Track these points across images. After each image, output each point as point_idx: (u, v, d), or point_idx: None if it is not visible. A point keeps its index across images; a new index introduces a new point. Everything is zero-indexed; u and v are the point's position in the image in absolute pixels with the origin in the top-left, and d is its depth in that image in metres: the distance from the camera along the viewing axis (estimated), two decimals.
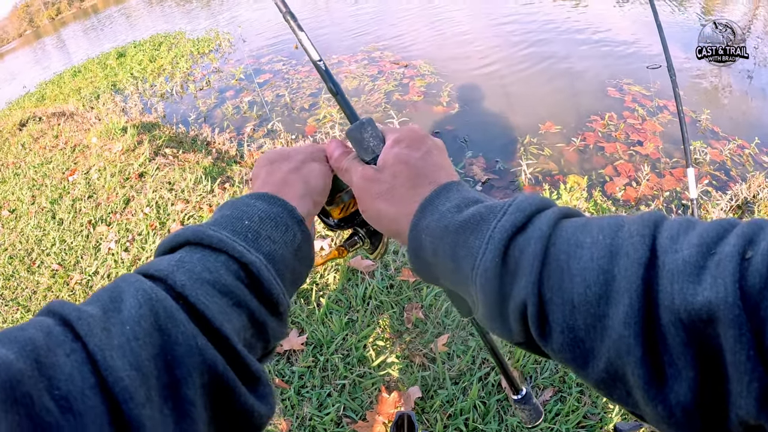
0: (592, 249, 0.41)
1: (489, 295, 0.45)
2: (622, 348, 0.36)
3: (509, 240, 0.45)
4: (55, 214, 4.70)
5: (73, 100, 9.73)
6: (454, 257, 0.49)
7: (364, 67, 8.52)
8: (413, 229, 0.53)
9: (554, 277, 0.41)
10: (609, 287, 0.38)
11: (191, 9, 22.51)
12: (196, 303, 0.43)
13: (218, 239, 0.48)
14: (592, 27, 9.53)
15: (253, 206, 0.55)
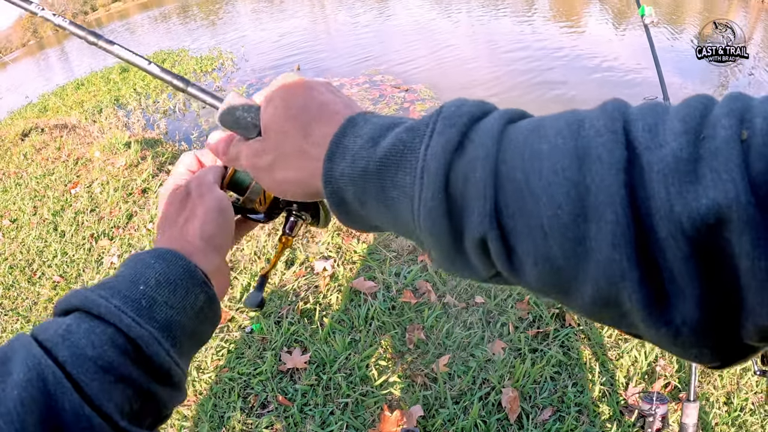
0: (552, 158, 0.34)
1: (439, 237, 0.38)
2: (614, 272, 0.31)
3: (447, 167, 0.37)
4: (57, 225, 4.73)
5: (75, 112, 9.78)
6: (386, 203, 0.41)
7: (365, 90, 8.68)
8: (327, 183, 0.45)
9: (514, 201, 0.35)
10: (584, 202, 0.32)
11: (195, 27, 22.76)
12: (78, 381, 0.42)
13: (107, 310, 0.46)
14: (591, 53, 9.77)
15: (152, 268, 0.51)
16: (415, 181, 0.38)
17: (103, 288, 0.49)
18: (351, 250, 3.39)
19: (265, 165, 0.52)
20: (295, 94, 0.52)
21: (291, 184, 0.51)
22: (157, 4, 44.95)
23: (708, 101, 0.32)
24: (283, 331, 2.80)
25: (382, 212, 0.43)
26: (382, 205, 0.42)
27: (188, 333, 0.52)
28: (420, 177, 0.38)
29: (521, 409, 2.28)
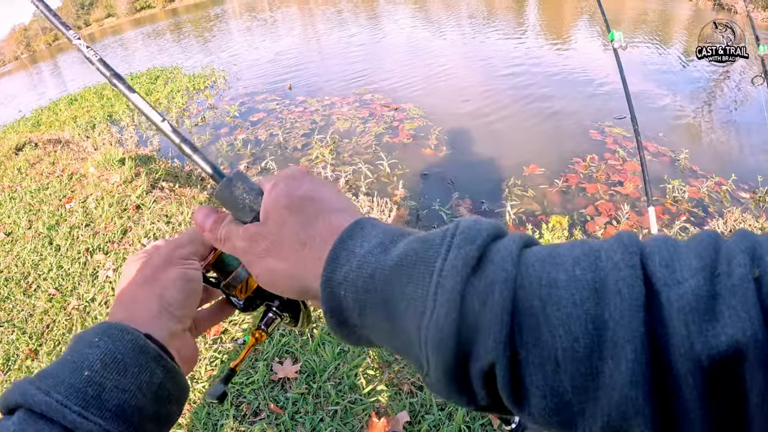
0: (571, 289, 0.33)
1: (445, 358, 0.36)
2: (628, 410, 0.31)
3: (464, 285, 0.36)
4: (52, 240, 4.81)
5: (69, 127, 9.87)
6: (389, 315, 0.39)
7: (355, 110, 8.89)
8: (326, 285, 0.42)
9: (528, 330, 0.34)
10: (602, 337, 0.32)
11: (188, 44, 22.94)
12: None
13: (47, 406, 0.42)
14: (578, 70, 10.12)
15: (96, 347, 0.47)
16: (428, 296, 0.36)
17: (45, 378, 0.44)
18: None
19: (259, 251, 0.49)
20: (301, 185, 0.51)
21: (283, 276, 0.48)
22: (150, 21, 45.29)
23: (717, 237, 0.34)
24: (275, 343, 2.91)
25: (382, 324, 0.40)
26: (384, 316, 0.39)
27: (148, 415, 0.47)
28: (434, 292, 0.36)
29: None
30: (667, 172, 5.82)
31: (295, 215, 0.49)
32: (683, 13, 20.69)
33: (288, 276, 0.48)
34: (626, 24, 18.02)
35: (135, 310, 0.53)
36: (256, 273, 0.51)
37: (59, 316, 3.71)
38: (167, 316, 0.54)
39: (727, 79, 9.81)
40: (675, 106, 8.28)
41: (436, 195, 5.67)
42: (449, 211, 5.30)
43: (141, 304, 0.54)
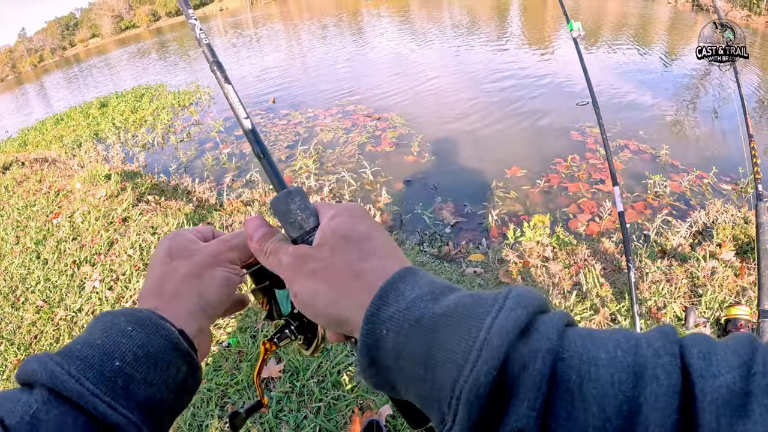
0: (611, 369, 0.34)
1: (474, 417, 0.35)
2: None
3: (509, 348, 0.36)
4: (39, 254, 4.86)
5: (55, 147, 9.96)
6: (426, 363, 0.38)
7: (338, 120, 9.08)
8: (369, 321, 0.42)
9: (562, 403, 0.34)
10: (634, 420, 0.32)
11: (173, 63, 23.10)
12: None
13: (78, 394, 0.41)
14: (558, 75, 10.40)
15: (129, 337, 0.46)
16: (472, 350, 0.36)
17: (72, 360, 0.43)
18: None
19: (306, 270, 0.49)
20: (363, 222, 0.52)
21: (324, 300, 0.47)
22: (135, 41, 45.40)
23: (754, 338, 0.34)
24: (259, 344, 2.99)
25: (416, 371, 0.39)
26: (421, 363, 0.39)
27: (168, 408, 0.47)
28: (479, 348, 0.35)
29: None
30: (648, 168, 6.01)
31: (352, 247, 0.49)
32: (663, 15, 21.08)
33: (329, 301, 0.47)
34: (608, 27, 18.36)
35: (174, 304, 0.53)
36: (296, 291, 0.49)
37: (47, 327, 3.77)
38: (201, 314, 0.54)
39: (708, 75, 10.11)
40: (655, 106, 8.58)
41: (418, 200, 5.79)
42: (432, 215, 5.43)
43: (182, 299, 0.53)
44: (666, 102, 8.81)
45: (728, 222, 4.08)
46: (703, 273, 3.35)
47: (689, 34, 16.47)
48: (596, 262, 3.69)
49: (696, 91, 9.78)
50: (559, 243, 4.11)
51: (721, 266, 3.37)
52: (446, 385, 0.36)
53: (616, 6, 25.17)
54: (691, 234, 4.18)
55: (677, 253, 3.74)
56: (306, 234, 0.53)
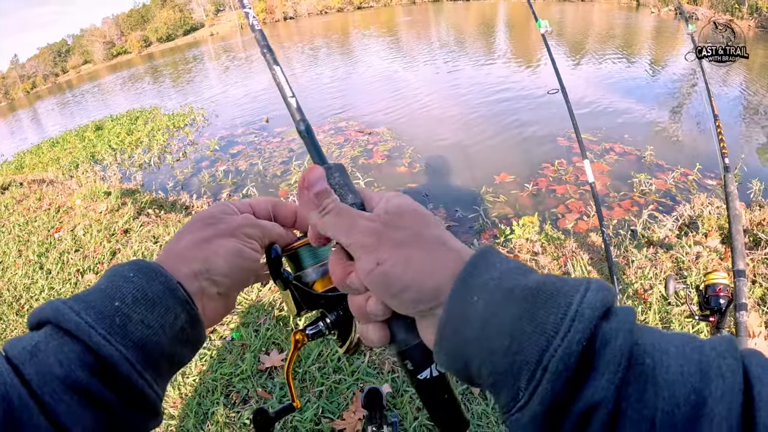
0: (680, 360, 0.36)
1: (557, 386, 0.36)
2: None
3: (597, 322, 0.37)
4: (42, 265, 4.96)
5: (52, 168, 10.07)
6: (513, 333, 0.38)
7: (331, 137, 9.29)
8: (461, 286, 0.42)
9: (635, 384, 0.35)
10: (701, 410, 0.34)
11: (166, 87, 23.33)
12: (44, 401, 0.41)
13: (76, 325, 0.44)
14: (544, 86, 10.64)
15: (130, 282, 0.49)
16: (563, 322, 0.37)
17: (76, 301, 0.46)
18: None
19: (395, 238, 0.47)
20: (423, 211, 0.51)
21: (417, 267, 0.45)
22: (127, 66, 45.68)
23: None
24: (261, 336, 3.12)
25: (499, 341, 0.39)
26: (508, 333, 0.39)
27: (166, 354, 0.49)
28: (571, 318, 0.36)
29: None
30: (634, 168, 6.23)
31: (430, 221, 0.49)
32: (647, 24, 21.52)
33: (425, 269, 0.45)
34: (593, 38, 18.73)
35: (178, 263, 0.54)
36: (383, 258, 0.46)
37: None
38: (204, 277, 0.55)
39: (691, 79, 10.45)
40: (640, 111, 8.96)
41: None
42: None
43: (185, 260, 0.54)
44: (650, 107, 9.17)
45: (713, 213, 4.24)
46: (687, 258, 3.50)
47: (672, 41, 16.91)
48: (584, 253, 3.83)
49: (679, 96, 10.15)
50: (547, 239, 4.24)
51: (705, 251, 3.52)
52: (532, 356, 0.37)
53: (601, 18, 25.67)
54: (677, 226, 4.32)
55: (663, 243, 3.89)
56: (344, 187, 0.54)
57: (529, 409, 0.37)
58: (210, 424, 2.64)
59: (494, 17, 34.18)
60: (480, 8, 45.02)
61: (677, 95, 10.30)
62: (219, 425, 2.62)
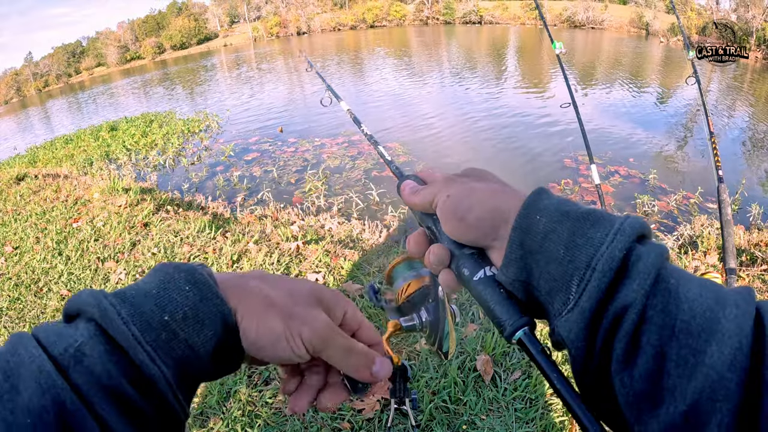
0: (700, 285, 0.41)
1: (601, 287, 0.42)
2: (719, 391, 0.36)
3: (634, 241, 0.44)
4: (61, 252, 5.07)
5: (66, 164, 10.21)
6: (568, 245, 0.46)
7: (344, 149, 9.47)
8: (527, 207, 0.50)
9: (660, 297, 0.41)
10: (715, 326, 0.38)
11: (180, 93, 23.60)
12: (94, 408, 0.40)
13: (124, 337, 0.42)
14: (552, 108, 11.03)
15: (184, 295, 0.47)
16: (608, 236, 0.44)
17: (123, 302, 0.45)
18: (339, 266, 3.86)
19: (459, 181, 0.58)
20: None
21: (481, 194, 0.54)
22: (140, 72, 45.96)
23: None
24: None
25: (558, 253, 0.46)
26: (563, 244, 0.46)
27: (201, 375, 0.49)
28: (615, 232, 0.43)
29: (494, 371, 2.77)
30: (638, 190, 6.43)
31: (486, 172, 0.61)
32: (656, 53, 21.81)
33: (488, 195, 0.54)
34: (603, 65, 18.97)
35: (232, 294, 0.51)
36: (451, 192, 0.56)
37: None
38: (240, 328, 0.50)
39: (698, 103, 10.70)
40: (645, 136, 9.27)
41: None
42: None
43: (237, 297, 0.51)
44: (655, 133, 9.48)
45: (713, 234, 4.37)
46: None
47: (679, 69, 17.18)
48: None
49: (684, 122, 10.41)
50: None
51: (704, 267, 3.66)
52: (582, 262, 0.44)
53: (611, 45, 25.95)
54: (677, 245, 4.46)
55: None
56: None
57: (578, 307, 0.43)
58: (232, 402, 2.74)
59: (505, 41, 34.60)
60: (491, 32, 45.62)
61: (682, 122, 10.59)
62: (241, 403, 2.72)
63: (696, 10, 38.50)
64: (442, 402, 2.60)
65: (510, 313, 0.51)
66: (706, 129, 2.69)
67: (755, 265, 3.64)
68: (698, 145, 8.80)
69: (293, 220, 5.66)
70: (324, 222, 5.53)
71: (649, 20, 41.61)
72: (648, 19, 42.16)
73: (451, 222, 0.55)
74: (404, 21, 63.95)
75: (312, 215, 6.03)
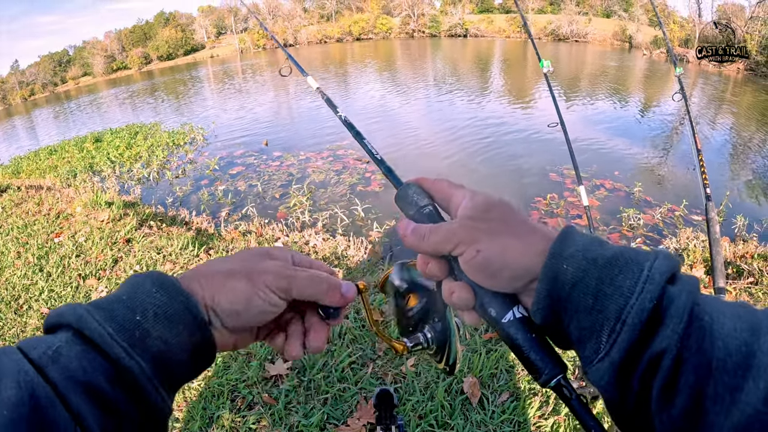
0: (734, 320, 0.41)
1: (633, 337, 0.43)
2: (755, 425, 0.37)
3: (665, 285, 0.44)
4: (42, 267, 4.97)
5: (50, 176, 10.10)
6: (596, 294, 0.45)
7: (329, 163, 9.49)
8: (553, 257, 0.49)
9: (695, 337, 0.41)
10: (750, 361, 0.38)
11: (166, 105, 23.52)
12: (69, 402, 0.42)
13: (99, 335, 0.45)
14: (539, 124, 11.26)
15: (152, 297, 0.50)
16: (637, 284, 0.43)
17: (97, 309, 0.48)
18: None
19: (487, 229, 0.53)
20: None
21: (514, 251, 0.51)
22: (126, 82, 45.78)
23: None
24: (266, 345, 3.17)
25: (586, 302, 0.46)
26: (592, 294, 0.45)
27: (179, 371, 0.51)
28: (644, 281, 0.43)
29: (482, 394, 2.74)
30: (623, 204, 6.54)
31: (514, 209, 0.56)
32: (639, 66, 22.07)
33: (520, 252, 0.51)
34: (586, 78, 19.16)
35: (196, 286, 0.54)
36: (480, 248, 0.52)
37: None
38: (210, 308, 0.54)
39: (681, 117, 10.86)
40: (629, 150, 9.47)
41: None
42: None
43: (202, 287, 0.54)
44: (639, 146, 9.65)
45: (698, 247, 4.39)
46: None
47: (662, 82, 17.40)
48: None
49: (667, 136, 10.57)
50: None
51: None
52: (612, 313, 0.44)
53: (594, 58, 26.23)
54: None
55: None
56: (420, 208, 0.61)
57: (609, 357, 0.44)
58: (215, 428, 2.69)
59: (490, 55, 34.84)
60: (477, 45, 45.97)
61: (666, 135, 10.76)
62: (224, 429, 2.66)
63: (678, 23, 39.11)
64: (429, 426, 2.57)
65: (545, 361, 0.51)
66: (693, 147, 2.71)
67: (742, 278, 3.65)
68: (682, 157, 8.93)
69: (278, 236, 5.62)
70: (308, 238, 5.49)
71: (632, 33, 42.23)
72: (631, 32, 42.79)
73: (480, 277, 0.54)
74: (390, 34, 64.31)
75: (297, 231, 5.98)
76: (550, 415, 2.61)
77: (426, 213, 0.61)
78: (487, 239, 0.53)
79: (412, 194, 0.63)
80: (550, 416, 2.61)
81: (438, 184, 0.62)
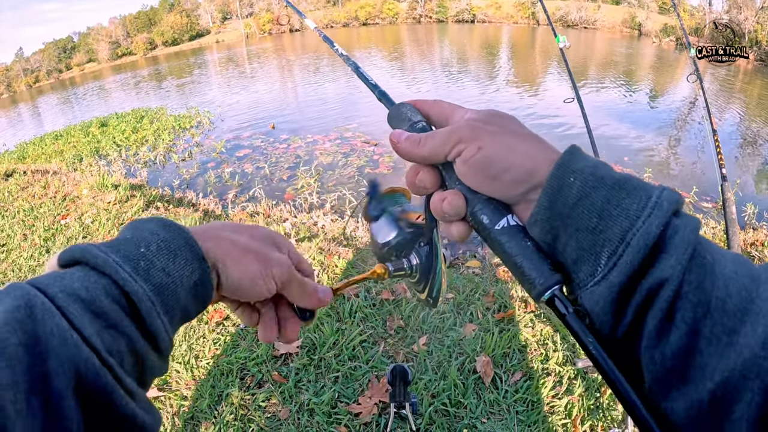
0: (735, 263, 0.40)
1: (635, 262, 0.41)
2: (751, 369, 0.36)
3: (672, 214, 0.42)
4: (48, 249, 4.96)
5: (56, 160, 10.06)
6: (602, 213, 0.43)
7: (337, 146, 9.36)
8: (560, 168, 0.46)
9: (695, 273, 0.40)
10: (749, 305, 0.38)
11: (170, 91, 23.40)
12: (66, 313, 0.41)
13: (104, 261, 0.46)
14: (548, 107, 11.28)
15: (155, 234, 0.51)
16: (645, 209, 0.42)
17: (103, 244, 0.48)
18: (333, 264, 3.78)
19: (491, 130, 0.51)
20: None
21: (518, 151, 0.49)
22: (131, 68, 45.69)
23: None
24: None
25: (589, 221, 0.44)
26: (597, 213, 0.44)
27: (180, 304, 0.51)
28: (652, 206, 0.42)
29: (495, 373, 2.70)
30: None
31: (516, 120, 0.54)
32: (648, 53, 21.91)
33: (524, 153, 0.49)
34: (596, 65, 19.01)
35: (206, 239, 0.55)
36: (482, 145, 0.50)
37: None
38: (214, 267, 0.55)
39: (691, 103, 10.74)
40: (639, 136, 9.27)
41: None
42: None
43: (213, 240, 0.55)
44: (649, 132, 9.49)
45: (709, 233, 4.34)
46: None
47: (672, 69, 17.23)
48: None
49: (677, 122, 10.43)
50: None
51: None
52: (615, 235, 0.42)
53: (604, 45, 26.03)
54: None
55: None
56: (414, 123, 0.60)
57: (606, 280, 0.42)
58: (224, 406, 2.66)
59: (498, 40, 34.60)
60: (483, 30, 45.66)
61: (675, 122, 10.62)
62: (234, 407, 2.64)
63: (689, 11, 38.71)
64: (441, 405, 2.53)
65: (540, 269, 0.48)
66: (709, 127, 2.65)
67: None
68: (692, 145, 8.81)
69: (285, 217, 5.57)
70: (317, 219, 5.44)
71: (642, 21, 41.79)
72: (640, 19, 42.33)
73: (479, 178, 0.51)
74: (397, 19, 63.85)
75: (305, 212, 5.92)
76: (564, 395, 2.57)
77: (419, 128, 0.59)
78: (490, 138, 0.50)
79: (405, 111, 0.62)
80: (564, 396, 2.57)
81: (437, 104, 0.61)
